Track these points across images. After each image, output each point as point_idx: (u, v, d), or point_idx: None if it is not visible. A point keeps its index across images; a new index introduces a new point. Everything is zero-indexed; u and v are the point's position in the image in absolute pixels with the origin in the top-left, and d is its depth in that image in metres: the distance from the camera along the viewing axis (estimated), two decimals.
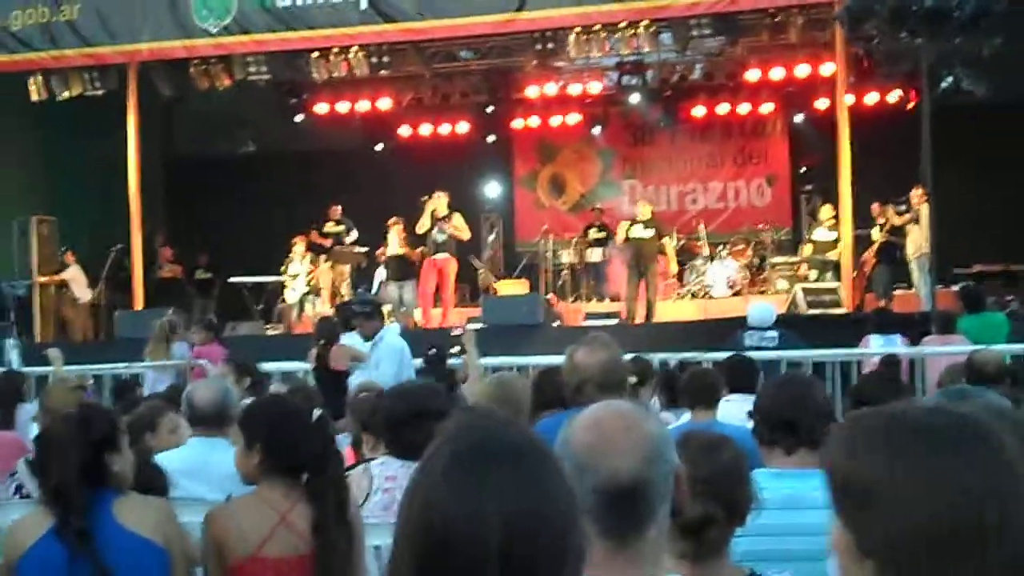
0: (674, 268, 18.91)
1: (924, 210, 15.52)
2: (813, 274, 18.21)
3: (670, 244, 18.62)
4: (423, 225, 17.54)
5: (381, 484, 4.60)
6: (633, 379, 5.38)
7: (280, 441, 4.05)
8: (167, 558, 3.85)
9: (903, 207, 16.59)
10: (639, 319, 17.05)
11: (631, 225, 17.46)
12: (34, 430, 6.70)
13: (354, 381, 9.24)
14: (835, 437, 1.72)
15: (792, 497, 3.55)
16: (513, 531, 1.58)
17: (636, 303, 17.27)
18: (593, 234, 20.29)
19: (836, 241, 17.30)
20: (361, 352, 10.59)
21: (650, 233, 17.38)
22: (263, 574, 3.94)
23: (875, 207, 17.12)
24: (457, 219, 17.74)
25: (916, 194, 15.84)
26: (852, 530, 1.63)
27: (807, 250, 18.99)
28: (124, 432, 4.05)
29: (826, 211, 18.14)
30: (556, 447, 2.00)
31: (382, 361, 10.14)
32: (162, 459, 5.08)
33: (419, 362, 10.22)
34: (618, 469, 2.12)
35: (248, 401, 6.41)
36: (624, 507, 2.13)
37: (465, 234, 17.98)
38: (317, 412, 4.16)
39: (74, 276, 19.83)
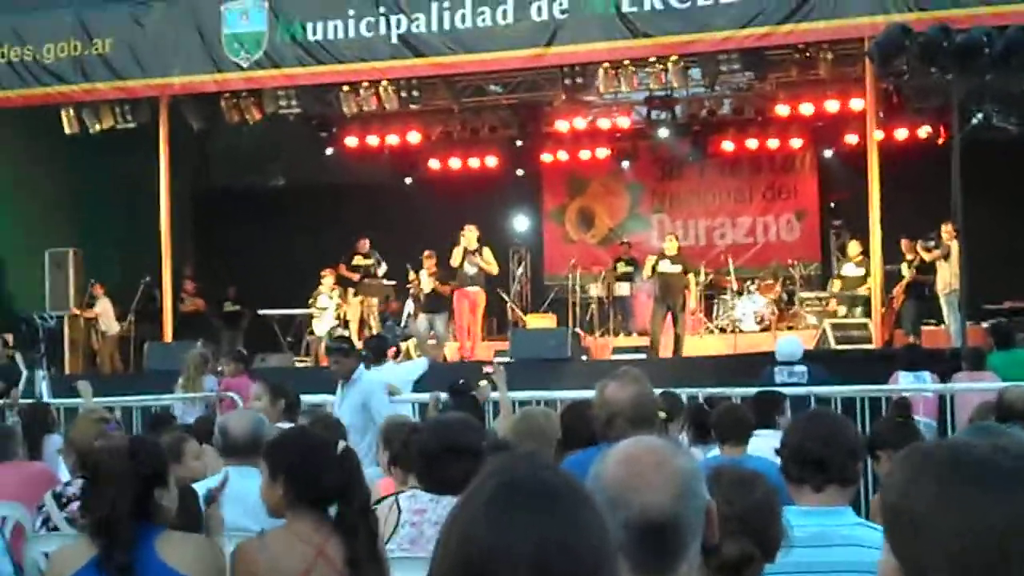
0: (692, 304, 18.84)
1: (954, 246, 15.44)
2: (842, 309, 18.12)
3: (695, 280, 18.60)
4: (456, 258, 17.62)
5: (409, 518, 4.57)
6: (663, 414, 5.36)
7: (305, 472, 4.01)
8: None
9: (933, 243, 16.52)
10: (665, 353, 17.00)
11: (658, 260, 17.47)
12: (60, 461, 6.72)
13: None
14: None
15: (821, 534, 3.52)
16: (548, 568, 1.58)
17: (661, 336, 17.23)
18: (621, 268, 20.29)
19: (865, 277, 17.23)
20: (394, 384, 10.52)
21: (677, 269, 17.39)
22: None
23: (905, 243, 17.06)
24: (486, 253, 17.79)
25: (946, 230, 15.75)
26: (900, 557, 1.67)
27: (836, 285, 18.93)
28: (171, 467, 4.06)
29: (853, 247, 18.09)
30: (587, 483, 2.00)
31: (373, 398, 9.37)
32: (198, 488, 5.08)
33: (445, 396, 10.16)
34: (649, 505, 2.11)
35: (283, 425, 6.43)
36: (655, 543, 2.12)
37: (494, 268, 18.02)
38: (342, 444, 4.14)
39: (103, 309, 19.90)
